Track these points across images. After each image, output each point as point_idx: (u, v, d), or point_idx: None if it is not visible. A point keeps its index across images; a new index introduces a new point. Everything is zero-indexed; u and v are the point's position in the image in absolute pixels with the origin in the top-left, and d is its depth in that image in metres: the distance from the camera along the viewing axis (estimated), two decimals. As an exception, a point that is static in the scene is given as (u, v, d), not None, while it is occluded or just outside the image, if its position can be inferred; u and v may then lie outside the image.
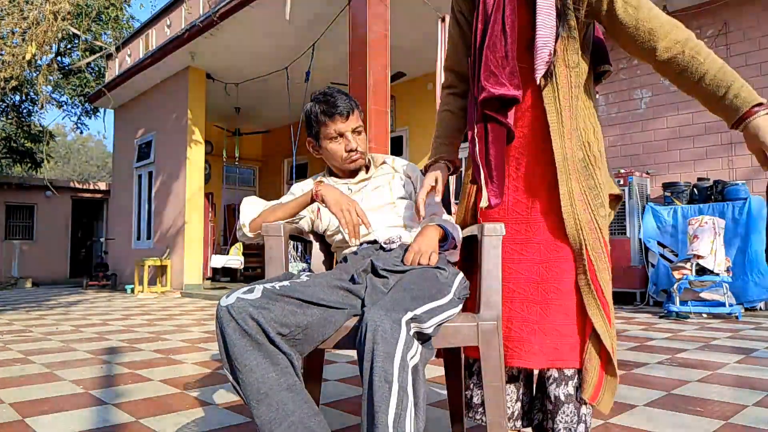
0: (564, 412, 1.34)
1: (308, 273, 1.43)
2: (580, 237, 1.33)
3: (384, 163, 1.79)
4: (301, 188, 1.75)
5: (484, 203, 1.39)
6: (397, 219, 1.64)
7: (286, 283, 1.28)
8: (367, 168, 1.77)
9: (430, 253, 1.44)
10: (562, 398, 1.34)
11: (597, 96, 1.46)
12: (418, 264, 1.43)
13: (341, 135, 1.63)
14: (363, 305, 1.32)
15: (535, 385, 1.51)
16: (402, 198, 1.69)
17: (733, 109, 1.22)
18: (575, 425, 1.33)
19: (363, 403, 1.06)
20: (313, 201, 1.57)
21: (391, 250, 1.54)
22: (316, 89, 1.74)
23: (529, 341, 1.37)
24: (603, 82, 1.58)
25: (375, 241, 1.58)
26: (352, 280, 1.39)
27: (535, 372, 1.47)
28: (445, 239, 1.52)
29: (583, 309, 1.35)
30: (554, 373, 1.37)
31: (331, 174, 1.77)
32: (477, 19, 1.39)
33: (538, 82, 1.35)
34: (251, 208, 1.64)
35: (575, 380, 1.35)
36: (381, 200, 1.66)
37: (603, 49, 1.49)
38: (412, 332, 1.11)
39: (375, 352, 1.05)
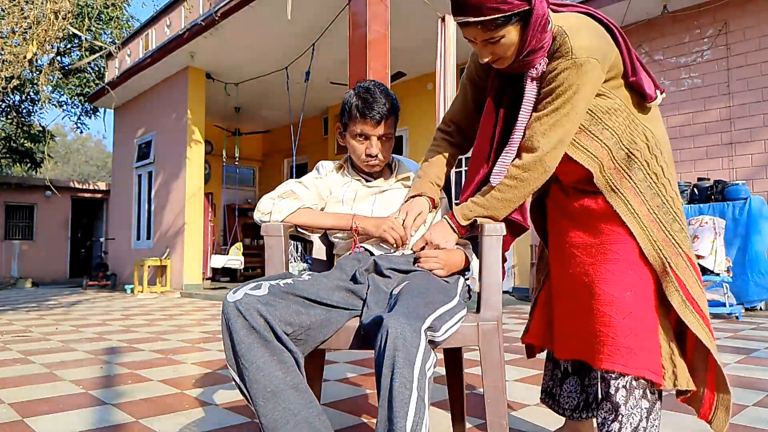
0: (603, 408, 1.39)
1: (309, 273, 1.42)
2: (661, 258, 1.34)
3: (409, 178, 1.71)
4: (324, 167, 1.74)
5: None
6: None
7: (289, 281, 1.28)
8: (391, 171, 1.72)
9: (446, 271, 1.45)
10: (602, 395, 1.39)
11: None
12: (422, 265, 1.44)
13: (366, 138, 1.59)
14: (364, 305, 1.32)
15: None
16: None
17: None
18: (609, 423, 1.37)
19: (380, 409, 1.05)
20: (349, 230, 1.58)
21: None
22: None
23: (568, 335, 1.46)
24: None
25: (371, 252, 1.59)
26: (354, 279, 1.39)
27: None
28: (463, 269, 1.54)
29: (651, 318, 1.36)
30: (597, 372, 1.46)
31: (352, 164, 1.73)
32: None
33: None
34: (291, 203, 1.60)
35: (614, 383, 1.35)
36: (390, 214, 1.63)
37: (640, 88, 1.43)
38: (427, 340, 1.11)
39: (396, 359, 1.04)
